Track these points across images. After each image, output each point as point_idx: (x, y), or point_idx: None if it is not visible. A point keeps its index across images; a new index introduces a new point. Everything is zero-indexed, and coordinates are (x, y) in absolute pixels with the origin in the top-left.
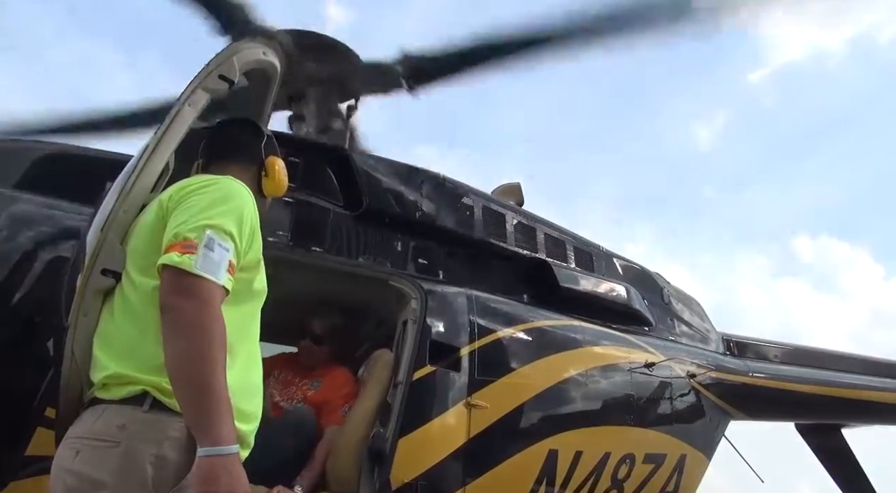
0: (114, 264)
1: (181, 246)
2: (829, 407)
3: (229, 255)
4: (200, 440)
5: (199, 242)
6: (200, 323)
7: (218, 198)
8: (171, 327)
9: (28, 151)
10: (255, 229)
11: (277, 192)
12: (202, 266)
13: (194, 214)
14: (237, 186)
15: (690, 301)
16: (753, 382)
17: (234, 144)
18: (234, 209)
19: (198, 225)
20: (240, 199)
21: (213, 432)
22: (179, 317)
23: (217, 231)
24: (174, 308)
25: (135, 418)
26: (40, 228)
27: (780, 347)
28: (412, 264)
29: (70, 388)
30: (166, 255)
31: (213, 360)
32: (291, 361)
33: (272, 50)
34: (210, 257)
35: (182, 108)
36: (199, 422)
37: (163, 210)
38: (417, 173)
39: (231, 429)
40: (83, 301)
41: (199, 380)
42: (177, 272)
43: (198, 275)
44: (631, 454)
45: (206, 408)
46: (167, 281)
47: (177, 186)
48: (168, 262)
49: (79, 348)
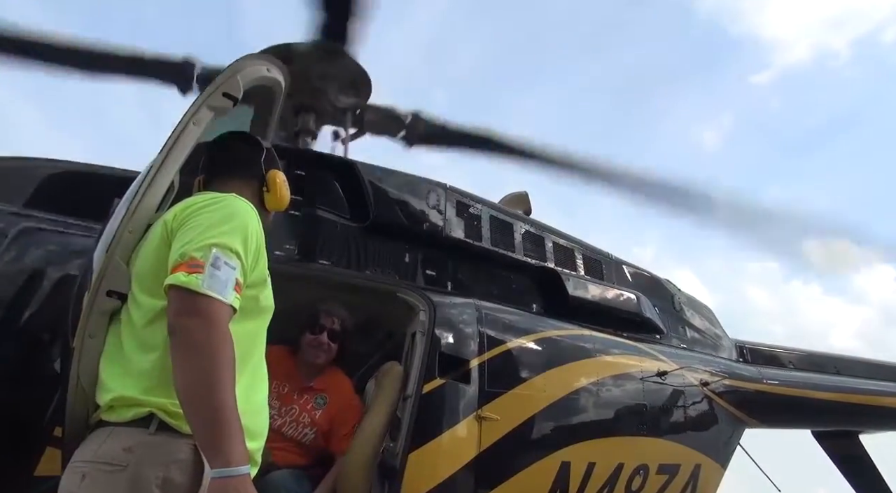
0: (119, 285)
1: (187, 266)
2: (845, 414)
3: (236, 273)
4: (212, 461)
5: (205, 262)
6: (209, 344)
7: (222, 216)
8: (179, 348)
9: (35, 170)
10: (260, 246)
11: (279, 206)
12: (209, 285)
13: (199, 233)
14: (241, 203)
15: (702, 308)
16: (768, 389)
17: (234, 160)
18: (239, 227)
19: (204, 244)
20: (244, 216)
21: (225, 453)
22: (188, 337)
23: (223, 250)
24: (182, 329)
25: (141, 440)
26: (49, 247)
27: (795, 353)
28: (420, 276)
29: (75, 410)
30: (173, 274)
31: (223, 381)
32: (287, 366)
33: (276, 66)
34: (217, 275)
35: (187, 126)
36: (210, 443)
37: (167, 231)
38: (424, 184)
39: (242, 449)
40: (89, 323)
41: (209, 402)
42: (184, 292)
43: (205, 294)
44: (644, 465)
45: (218, 429)
46: (175, 301)
47: (180, 206)
48: (175, 281)
49: (84, 371)
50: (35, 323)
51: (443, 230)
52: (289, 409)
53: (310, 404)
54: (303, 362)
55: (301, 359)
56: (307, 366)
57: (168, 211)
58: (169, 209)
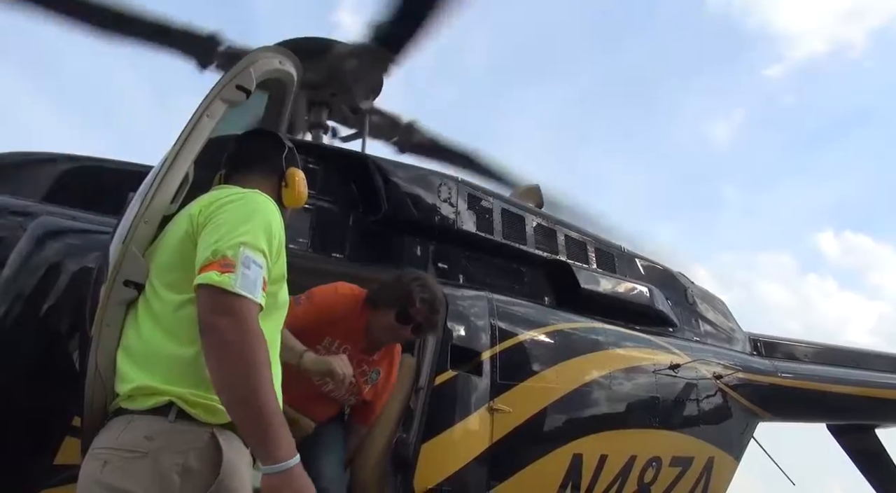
0: (136, 275)
1: (220, 265)
2: (860, 407)
3: (263, 271)
4: (262, 460)
5: (236, 261)
6: (245, 343)
7: (248, 213)
8: (215, 348)
9: (53, 164)
10: (281, 243)
11: (297, 203)
12: (242, 285)
13: (228, 232)
14: (264, 199)
15: (715, 301)
16: (782, 382)
17: (256, 155)
18: (264, 225)
19: (234, 243)
20: (268, 213)
21: (272, 450)
22: (223, 337)
23: (252, 249)
24: (217, 328)
25: (161, 428)
26: (67, 240)
27: (809, 346)
28: (432, 269)
29: (94, 399)
30: (205, 274)
31: (262, 379)
32: (355, 324)
33: (289, 59)
34: (247, 275)
35: (200, 118)
36: (257, 442)
37: (192, 226)
38: (436, 177)
39: (288, 442)
40: (106, 313)
41: (251, 401)
42: (217, 291)
43: (238, 294)
44: (657, 458)
45: (263, 428)
46: (207, 300)
47: (205, 201)
48: (208, 281)
49: (102, 360)
50: (52, 315)
51: (455, 223)
52: None
53: (364, 377)
54: (372, 331)
55: (371, 327)
56: (374, 338)
57: (193, 205)
58: (193, 203)
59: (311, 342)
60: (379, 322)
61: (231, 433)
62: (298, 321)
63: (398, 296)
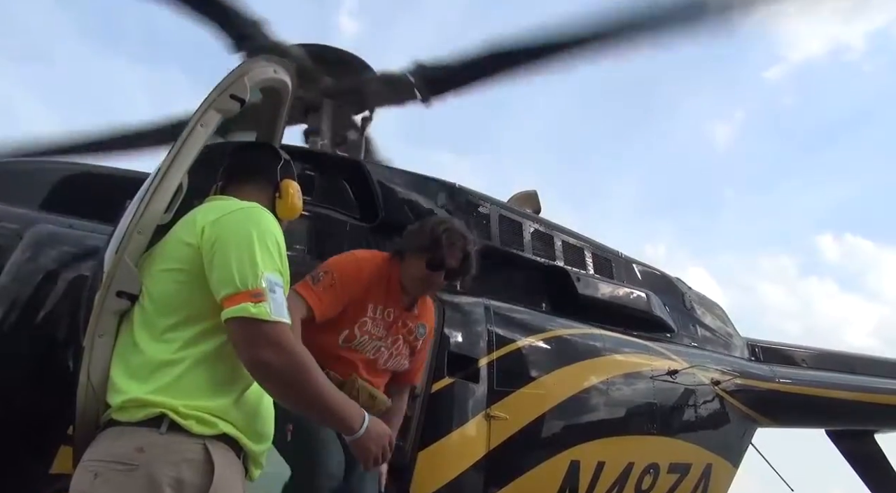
0: (129, 286)
1: (251, 296)
2: (859, 413)
3: (283, 289)
4: (345, 434)
5: (264, 290)
6: (294, 363)
7: (257, 233)
8: (271, 380)
9: (49, 171)
10: (284, 254)
11: (291, 215)
12: (276, 312)
13: (245, 259)
14: (265, 214)
15: (713, 306)
16: (780, 388)
17: (252, 167)
18: (271, 243)
19: (256, 271)
20: (272, 228)
21: (350, 425)
22: (275, 368)
23: (273, 272)
24: (266, 362)
25: (153, 440)
26: (63, 248)
27: (808, 351)
28: None
29: (85, 410)
30: (240, 307)
31: (318, 383)
32: (391, 284)
33: (283, 68)
34: (276, 300)
35: (194, 128)
36: (337, 426)
37: (198, 239)
38: (433, 183)
39: (356, 412)
40: (99, 323)
41: (319, 403)
42: (257, 324)
43: (275, 321)
44: (655, 464)
45: (337, 416)
46: (248, 333)
47: (209, 219)
48: (245, 314)
49: (94, 371)
50: (47, 323)
51: None
52: (394, 339)
53: (412, 335)
54: (405, 285)
55: (404, 281)
56: (409, 293)
57: (196, 215)
58: (194, 213)
59: (356, 317)
60: (411, 274)
61: (223, 444)
62: (337, 301)
63: (426, 243)
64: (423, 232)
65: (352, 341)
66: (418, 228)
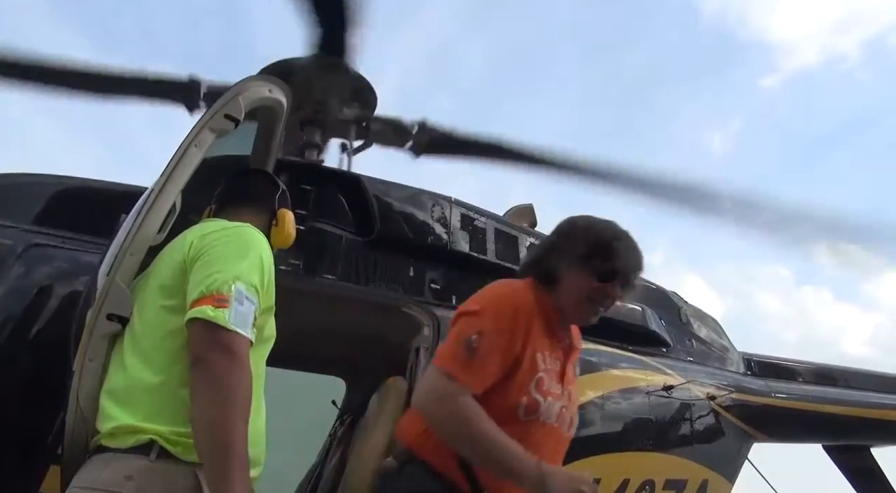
0: (120, 308)
1: (214, 300)
2: (856, 428)
3: (254, 307)
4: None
5: (230, 296)
6: (231, 378)
7: (241, 248)
8: (202, 381)
9: (43, 186)
10: (271, 277)
11: (284, 243)
12: (235, 321)
13: (224, 267)
14: (256, 233)
15: (708, 320)
16: (776, 403)
17: (250, 193)
18: (256, 260)
19: (228, 278)
20: (260, 248)
21: (230, 489)
22: (213, 371)
23: (246, 284)
24: (208, 362)
25: (142, 467)
26: (57, 264)
27: (804, 366)
28: (424, 290)
29: (75, 435)
30: (199, 308)
31: (239, 418)
32: (551, 322)
33: (279, 87)
34: (240, 311)
35: (188, 148)
36: (216, 479)
37: (186, 256)
38: (429, 197)
39: (246, 486)
40: (89, 347)
41: (223, 439)
42: (211, 326)
43: (231, 330)
44: (650, 481)
45: (226, 468)
46: (201, 335)
47: (196, 234)
48: (202, 316)
49: (84, 396)
50: (42, 341)
51: (448, 244)
52: (568, 393)
53: (572, 385)
54: (562, 316)
55: (559, 311)
56: (564, 323)
57: (188, 234)
58: (184, 238)
59: (531, 374)
60: (576, 295)
61: None
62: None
63: (585, 249)
64: (576, 238)
65: (535, 411)
66: (566, 238)
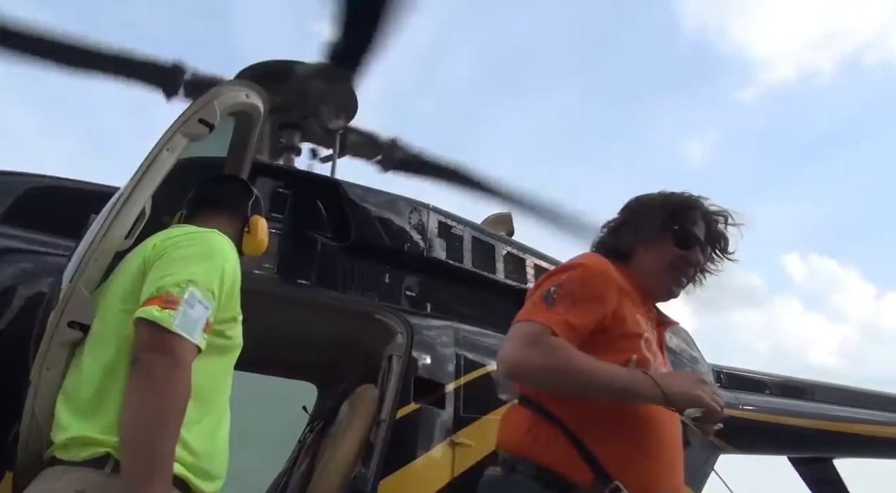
0: (82, 316)
1: (162, 301)
2: (820, 441)
3: (208, 313)
4: None
5: (180, 298)
6: (168, 382)
7: (202, 252)
8: (138, 381)
9: (10, 184)
10: (235, 285)
11: (256, 251)
12: (179, 324)
13: (179, 268)
14: (221, 239)
15: (679, 331)
16: (744, 415)
17: (223, 199)
18: (216, 266)
19: (181, 280)
20: (225, 253)
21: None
22: (149, 372)
23: (200, 288)
24: (146, 363)
25: (95, 481)
26: (23, 265)
27: (772, 378)
28: (399, 297)
29: (29, 445)
30: (145, 308)
31: (170, 426)
32: (638, 296)
33: (255, 92)
34: (189, 314)
35: (160, 153)
36: (135, 484)
37: (145, 261)
38: (406, 204)
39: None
40: (48, 355)
41: (148, 446)
42: (154, 327)
43: (174, 332)
44: None
45: (145, 476)
46: (143, 335)
47: (160, 238)
48: (146, 315)
49: (40, 405)
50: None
51: (424, 251)
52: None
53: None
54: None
55: (643, 285)
56: (650, 297)
57: (146, 243)
58: (147, 241)
59: (636, 334)
60: (656, 265)
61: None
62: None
63: (660, 219)
64: (652, 211)
65: (646, 369)
66: (638, 213)
